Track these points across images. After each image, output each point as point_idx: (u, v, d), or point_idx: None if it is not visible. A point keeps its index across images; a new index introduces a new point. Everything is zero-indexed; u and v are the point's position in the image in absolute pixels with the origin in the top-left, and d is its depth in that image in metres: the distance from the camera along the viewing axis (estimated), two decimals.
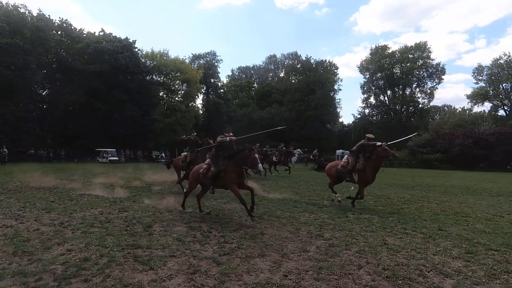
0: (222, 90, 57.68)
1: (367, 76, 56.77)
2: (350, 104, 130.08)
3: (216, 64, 56.07)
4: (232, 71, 74.76)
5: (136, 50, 41.64)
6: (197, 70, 47.55)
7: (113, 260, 3.78)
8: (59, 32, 36.41)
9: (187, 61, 50.74)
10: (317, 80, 52.75)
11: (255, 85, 65.41)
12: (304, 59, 58.69)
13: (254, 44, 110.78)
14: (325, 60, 57.34)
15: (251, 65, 72.71)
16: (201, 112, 54.83)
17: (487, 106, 56.72)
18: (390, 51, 55.13)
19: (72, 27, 37.91)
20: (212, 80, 55.31)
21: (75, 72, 35.86)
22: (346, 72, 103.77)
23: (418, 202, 9.19)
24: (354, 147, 8.40)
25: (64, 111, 35.81)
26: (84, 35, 38.72)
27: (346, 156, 8.69)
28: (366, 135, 8.42)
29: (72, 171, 17.94)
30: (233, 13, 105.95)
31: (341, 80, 60.64)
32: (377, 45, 56.78)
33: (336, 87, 57.06)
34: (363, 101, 57.98)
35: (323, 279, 3.42)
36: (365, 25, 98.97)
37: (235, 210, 7.18)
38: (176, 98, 47.81)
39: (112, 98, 36.58)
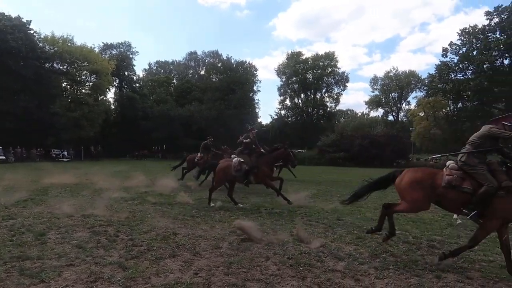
0: (137, 85, 54.07)
1: (283, 80, 60.34)
2: (268, 105, 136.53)
3: (131, 56, 52.19)
4: (150, 65, 70.71)
5: (32, 32, 35.97)
6: (108, 61, 43.43)
7: None
8: None
9: (96, 50, 45.97)
10: (237, 80, 53.72)
11: (174, 81, 63.16)
12: (225, 58, 59.15)
13: (174, 38, 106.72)
14: (245, 61, 58.80)
15: (170, 60, 69.96)
16: (113, 107, 50.44)
17: (380, 111, 66.30)
18: (304, 57, 59.67)
19: None
20: (126, 73, 51.35)
21: None
22: (265, 74, 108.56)
23: (323, 196, 10.18)
24: None
25: None
26: None
27: None
28: None
29: None
30: (151, 3, 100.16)
31: (260, 82, 63.23)
32: (293, 51, 60.90)
33: (255, 88, 59.07)
34: (279, 103, 61.50)
35: (232, 273, 3.54)
36: (283, 31, 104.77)
37: (147, 211, 6.84)
38: (83, 90, 42.84)
39: None
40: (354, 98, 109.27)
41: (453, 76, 47.57)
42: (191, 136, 50.02)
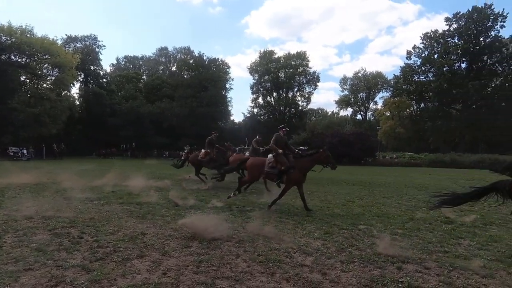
0: (104, 80, 51.95)
1: (256, 78, 60.55)
2: (241, 103, 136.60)
3: (97, 50, 50.10)
4: (118, 59, 68.59)
5: None
6: (72, 54, 41.30)
7: None
8: None
9: (59, 42, 43.51)
10: (209, 77, 53.17)
11: (144, 77, 61.41)
12: (197, 55, 58.30)
13: (143, 33, 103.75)
14: (218, 59, 58.38)
15: (140, 56, 68.09)
16: (78, 102, 48.10)
17: (349, 110, 68.52)
18: (276, 56, 60.24)
19: None
20: (92, 68, 49.17)
21: None
22: (238, 72, 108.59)
23: (294, 193, 10.32)
24: None
25: None
26: None
27: None
28: None
29: None
30: None
31: (233, 80, 63.04)
32: (265, 50, 61.27)
33: (228, 86, 58.87)
34: (252, 101, 61.65)
35: (202, 271, 3.52)
36: (256, 29, 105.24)
37: (114, 211, 6.61)
38: (44, 85, 40.45)
39: None
40: (325, 97, 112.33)
41: (416, 78, 50.20)
42: (161, 134, 48.92)
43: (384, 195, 10.17)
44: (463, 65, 47.63)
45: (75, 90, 47.47)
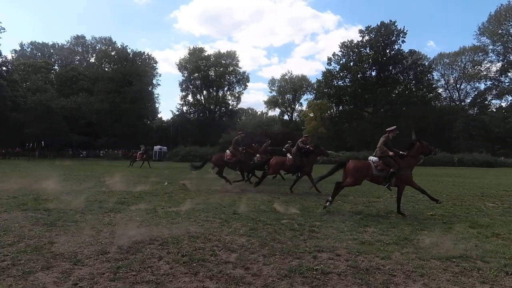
0: (4, 68, 44.62)
1: (185, 75, 58.99)
2: (169, 100, 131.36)
3: None
4: (22, 45, 59.66)
5: None
6: None
7: None
8: None
9: None
10: (134, 71, 49.98)
11: (56, 67, 54.69)
12: (120, 47, 54.16)
13: (55, 17, 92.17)
14: (144, 52, 55.31)
15: (51, 43, 60.36)
16: None
17: (277, 111, 71.48)
18: (206, 54, 59.61)
19: None
20: None
21: None
22: (167, 68, 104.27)
23: (223, 192, 10.41)
24: None
25: None
26: None
27: None
28: None
29: None
30: None
31: (160, 75, 60.23)
32: (195, 46, 60.18)
33: (155, 81, 56.25)
34: (181, 99, 59.91)
35: (119, 278, 3.31)
36: (185, 25, 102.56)
37: (14, 219, 5.77)
38: None
39: None
40: (255, 98, 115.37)
41: (335, 82, 54.93)
42: (78, 131, 44.30)
43: (306, 191, 10.91)
44: (373, 73, 53.90)
45: None
